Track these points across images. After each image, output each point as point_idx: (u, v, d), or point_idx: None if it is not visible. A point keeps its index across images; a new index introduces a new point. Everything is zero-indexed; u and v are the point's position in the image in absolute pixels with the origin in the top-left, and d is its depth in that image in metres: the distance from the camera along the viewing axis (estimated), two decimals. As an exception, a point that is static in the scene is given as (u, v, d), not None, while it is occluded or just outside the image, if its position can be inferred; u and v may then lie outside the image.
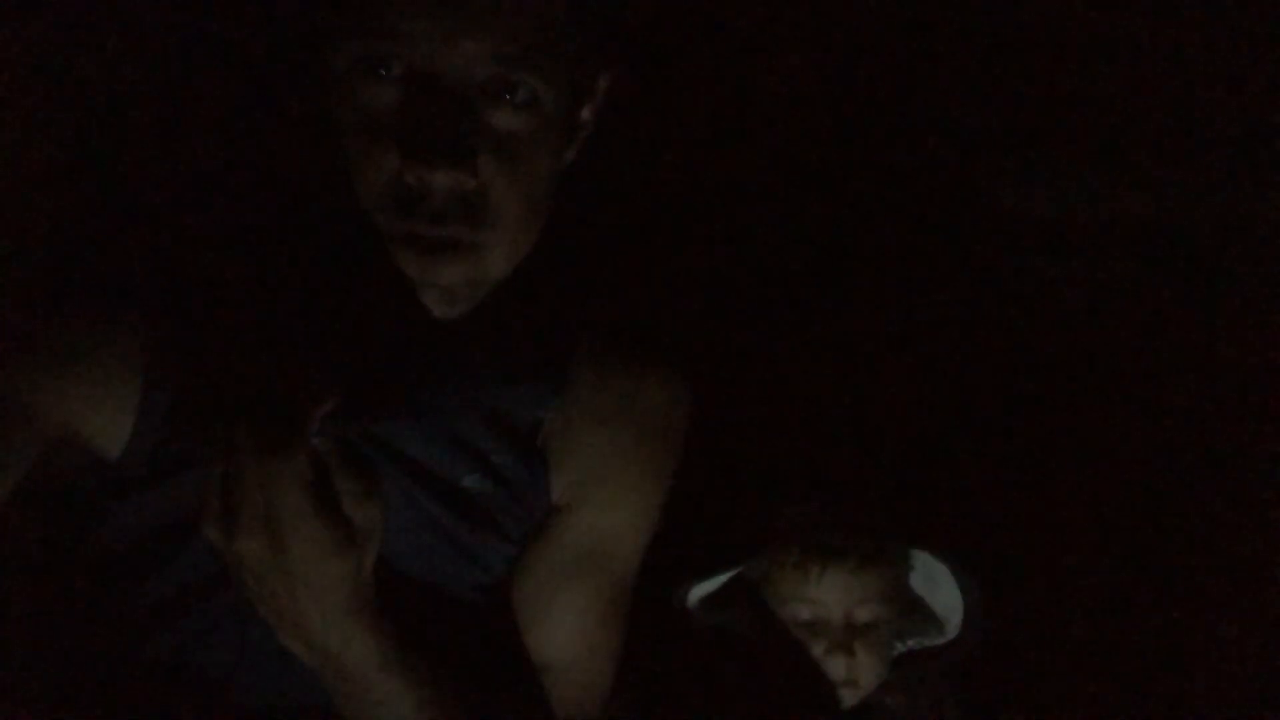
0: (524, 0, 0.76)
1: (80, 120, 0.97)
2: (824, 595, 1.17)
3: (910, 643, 1.26)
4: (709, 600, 1.24)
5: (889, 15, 1.41)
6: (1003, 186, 1.49)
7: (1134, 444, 1.46)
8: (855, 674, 1.18)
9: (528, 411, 0.89)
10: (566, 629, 0.91)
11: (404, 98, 0.76)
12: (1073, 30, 1.41)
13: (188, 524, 0.75)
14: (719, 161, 1.41)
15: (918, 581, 1.24)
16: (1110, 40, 1.41)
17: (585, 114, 0.87)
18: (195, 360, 0.82)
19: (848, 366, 1.44)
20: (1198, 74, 1.41)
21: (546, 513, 0.91)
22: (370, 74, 0.76)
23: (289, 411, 0.69)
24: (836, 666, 1.18)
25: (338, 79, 0.77)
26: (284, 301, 0.83)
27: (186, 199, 0.86)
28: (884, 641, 1.20)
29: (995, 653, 1.25)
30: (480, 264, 0.80)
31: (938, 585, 1.23)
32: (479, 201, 0.78)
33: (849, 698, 1.19)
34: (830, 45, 1.41)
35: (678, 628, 1.24)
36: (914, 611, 1.25)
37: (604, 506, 0.92)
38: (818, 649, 1.18)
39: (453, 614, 0.88)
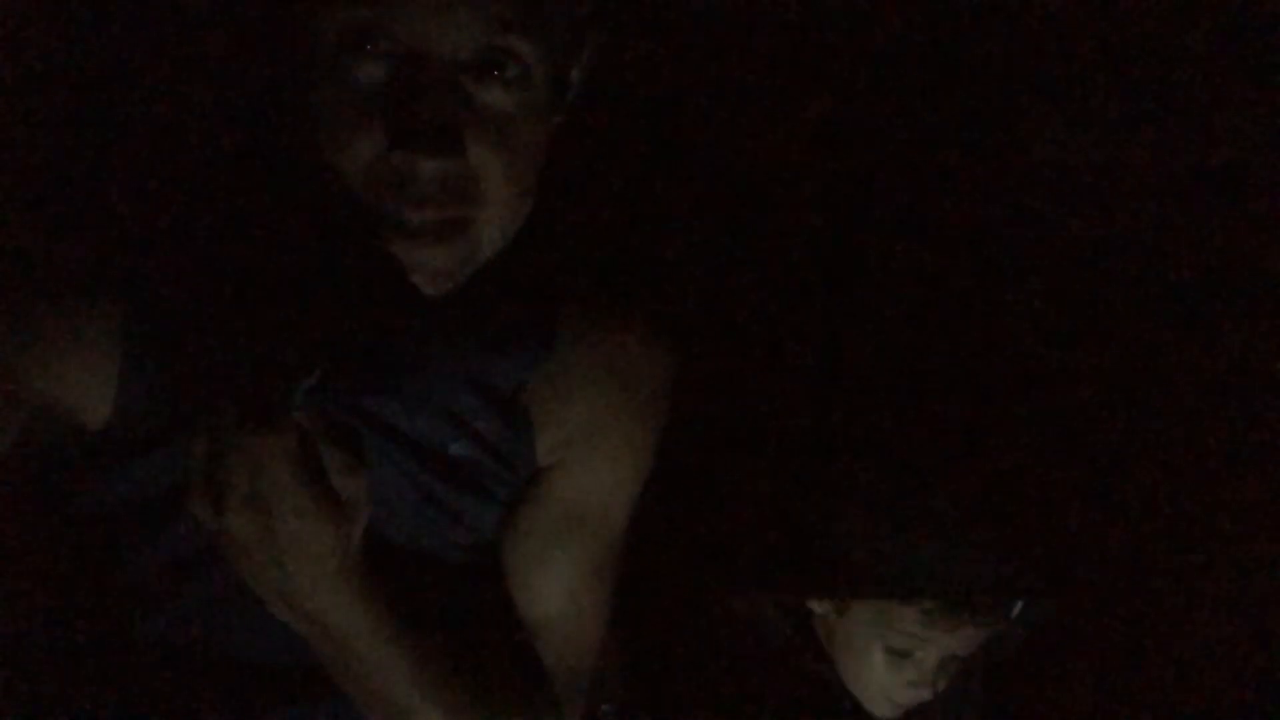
0: None
1: (54, 98, 0.95)
2: (944, 641, 1.12)
3: None
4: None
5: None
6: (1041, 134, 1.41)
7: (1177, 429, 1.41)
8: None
9: (513, 376, 0.89)
10: (555, 589, 0.92)
11: (391, 76, 0.74)
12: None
13: (175, 496, 0.75)
14: (716, 116, 1.36)
15: None
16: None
17: (574, 76, 0.85)
18: (176, 334, 0.81)
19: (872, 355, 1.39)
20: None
21: (532, 474, 0.92)
22: (356, 49, 0.74)
23: (272, 386, 0.69)
24: (912, 697, 1.15)
25: (320, 53, 0.75)
26: (265, 275, 0.82)
27: (167, 173, 0.85)
28: (958, 665, 1.16)
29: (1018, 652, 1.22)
30: (471, 244, 0.79)
31: None
32: (468, 183, 0.77)
33: (889, 712, 1.17)
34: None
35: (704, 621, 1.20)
36: None
37: (589, 467, 0.92)
38: (898, 677, 1.14)
39: (443, 578, 0.89)
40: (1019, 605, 1.15)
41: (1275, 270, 1.39)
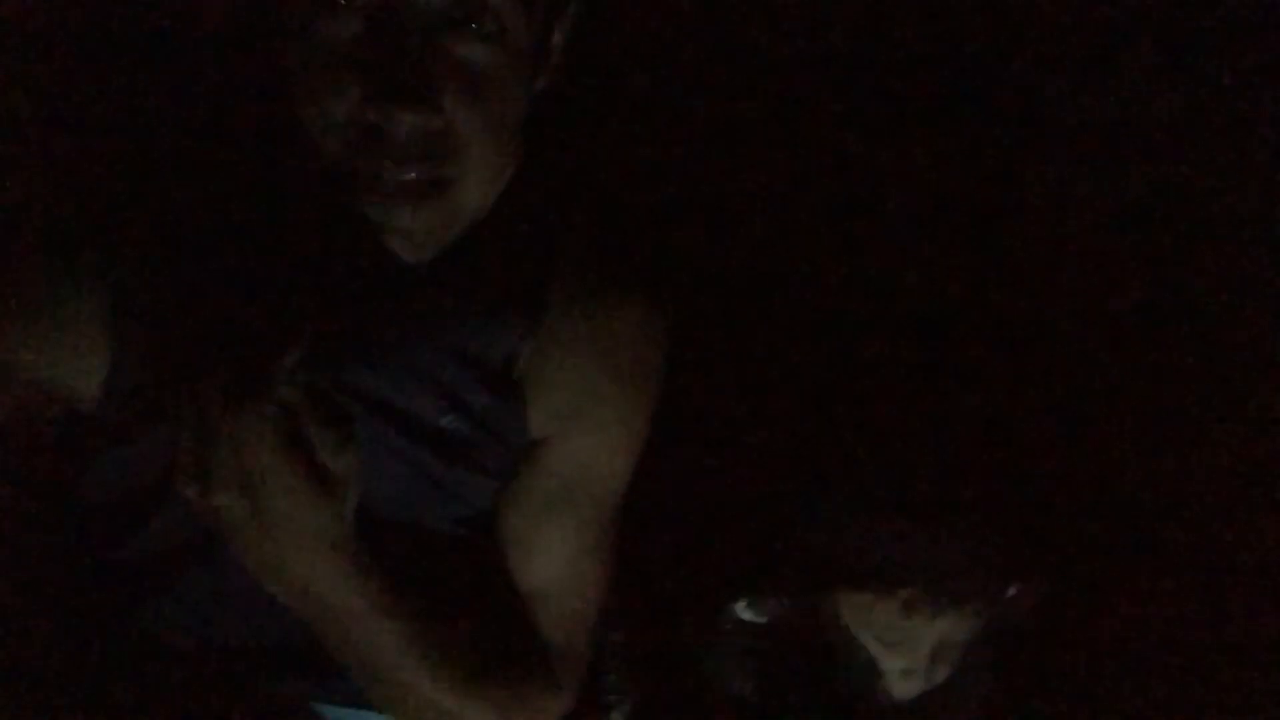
0: None
1: (36, 71, 0.94)
2: (927, 632, 1.07)
3: None
4: None
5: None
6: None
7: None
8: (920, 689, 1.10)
9: (502, 348, 0.88)
10: (553, 559, 0.91)
11: (365, 30, 0.73)
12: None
13: (168, 477, 0.74)
14: (714, 80, 1.32)
15: None
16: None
17: (556, 39, 0.84)
18: (163, 310, 0.80)
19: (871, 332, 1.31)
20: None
21: (526, 446, 0.91)
22: (329, 4, 0.73)
23: (257, 363, 0.68)
24: (907, 688, 1.10)
25: (291, 9, 0.74)
26: (246, 250, 0.82)
27: (146, 147, 0.84)
28: (958, 652, 1.11)
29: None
30: (449, 206, 0.78)
31: None
32: (446, 139, 0.76)
33: (903, 693, 1.12)
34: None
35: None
36: None
37: (583, 438, 0.91)
38: (893, 665, 1.09)
39: (438, 551, 0.89)
40: (1010, 589, 1.11)
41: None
